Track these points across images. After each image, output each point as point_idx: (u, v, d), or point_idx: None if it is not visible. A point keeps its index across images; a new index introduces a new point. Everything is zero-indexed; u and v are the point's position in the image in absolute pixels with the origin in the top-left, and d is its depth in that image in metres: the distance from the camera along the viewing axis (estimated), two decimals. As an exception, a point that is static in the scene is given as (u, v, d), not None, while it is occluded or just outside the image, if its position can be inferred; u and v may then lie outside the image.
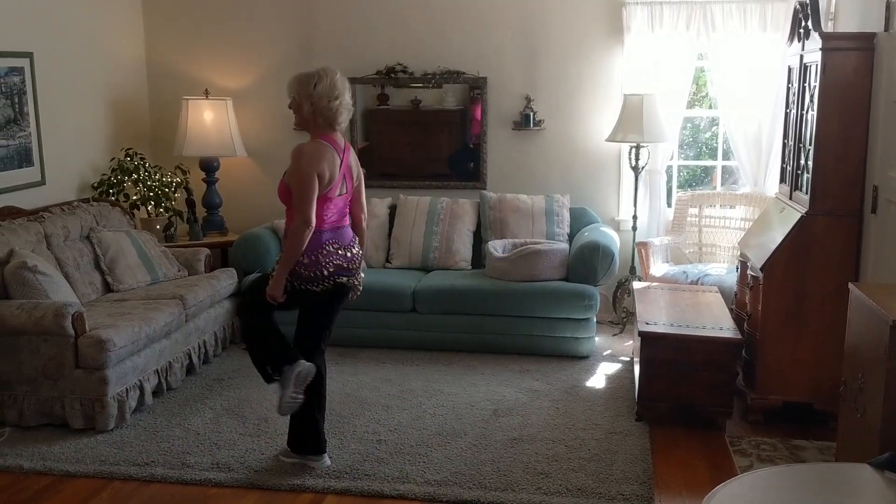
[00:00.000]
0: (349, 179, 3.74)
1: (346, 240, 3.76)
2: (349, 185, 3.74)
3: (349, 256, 3.74)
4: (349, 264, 3.73)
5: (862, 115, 4.08)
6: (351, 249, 3.76)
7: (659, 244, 5.77)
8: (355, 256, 3.78)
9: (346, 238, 3.76)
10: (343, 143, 3.73)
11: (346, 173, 3.72)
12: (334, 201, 3.67)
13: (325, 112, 3.61)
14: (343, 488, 3.62)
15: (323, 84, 3.62)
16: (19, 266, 4.33)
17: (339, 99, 3.62)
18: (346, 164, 3.70)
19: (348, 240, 3.77)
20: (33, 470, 3.82)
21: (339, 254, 3.70)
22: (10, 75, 5.06)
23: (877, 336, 2.81)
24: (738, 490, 2.22)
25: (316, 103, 3.61)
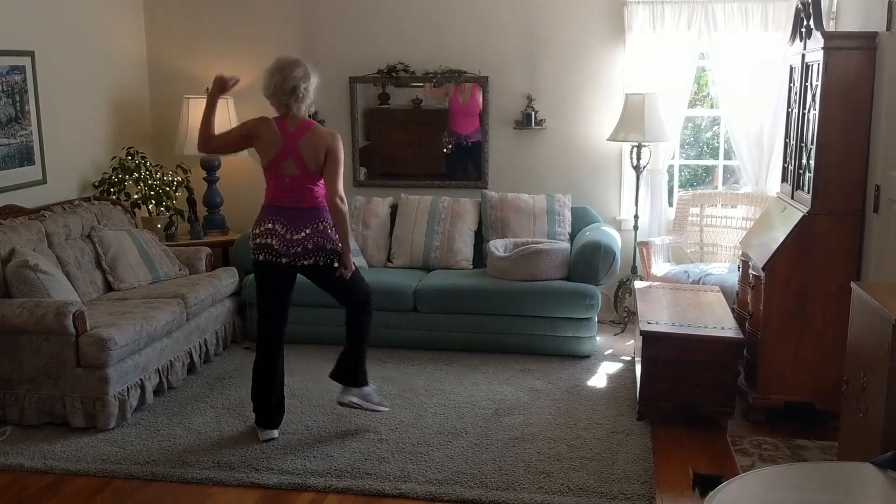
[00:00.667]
0: (298, 163, 3.92)
1: (283, 220, 3.92)
2: (299, 167, 3.92)
3: (284, 238, 3.92)
4: (279, 245, 3.92)
5: (864, 115, 4.08)
6: (289, 232, 3.92)
7: (660, 244, 5.77)
8: (290, 241, 3.92)
9: (284, 218, 3.92)
10: (293, 126, 3.95)
11: (292, 154, 3.91)
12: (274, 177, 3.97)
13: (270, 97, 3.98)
14: (344, 487, 3.62)
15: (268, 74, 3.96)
16: (20, 265, 4.34)
17: (268, 90, 3.95)
18: (290, 145, 3.91)
19: (287, 221, 3.92)
20: (34, 469, 3.82)
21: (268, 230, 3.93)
22: (12, 74, 5.06)
23: (879, 335, 2.81)
24: (739, 489, 2.21)
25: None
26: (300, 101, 3.93)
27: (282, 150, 3.91)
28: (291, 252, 3.93)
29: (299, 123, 3.96)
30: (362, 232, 5.93)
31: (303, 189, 3.94)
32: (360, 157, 6.39)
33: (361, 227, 5.93)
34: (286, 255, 3.93)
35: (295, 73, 3.89)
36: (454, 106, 6.22)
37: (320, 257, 3.98)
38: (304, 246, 3.93)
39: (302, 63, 3.95)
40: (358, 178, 6.40)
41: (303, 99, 3.93)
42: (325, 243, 3.97)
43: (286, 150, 3.92)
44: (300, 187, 3.94)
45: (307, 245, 3.93)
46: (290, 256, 3.94)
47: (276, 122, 3.95)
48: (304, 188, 3.94)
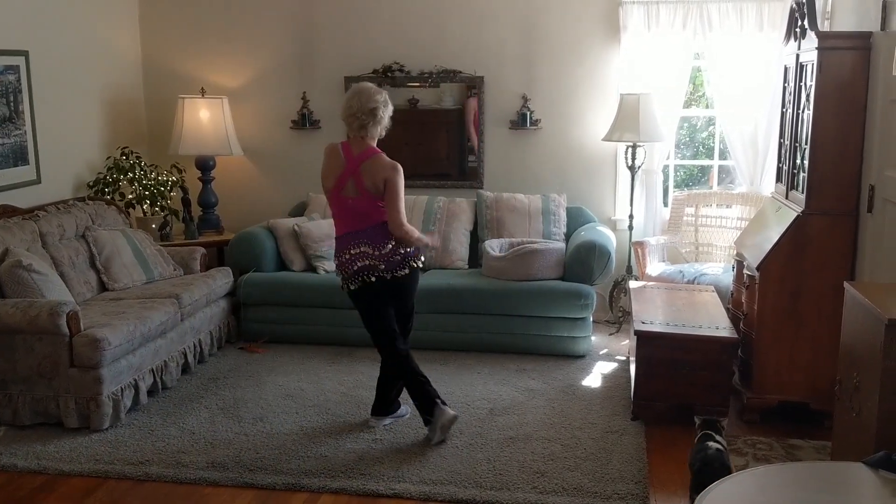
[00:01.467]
0: (358, 184, 3.98)
1: (366, 240, 4.01)
2: (360, 189, 3.98)
3: (373, 256, 4.00)
4: (377, 262, 4.00)
5: (858, 115, 4.08)
6: (377, 249, 4.00)
7: (655, 243, 5.77)
8: (380, 256, 4.00)
9: (365, 238, 4.01)
10: (358, 150, 4.04)
11: (353, 176, 3.99)
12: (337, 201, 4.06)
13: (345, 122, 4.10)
14: (338, 487, 3.62)
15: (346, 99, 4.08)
16: (14, 265, 4.32)
17: (349, 110, 4.04)
18: (351, 167, 3.99)
19: (369, 240, 4.00)
20: (28, 469, 3.80)
21: (352, 253, 4.01)
22: (6, 73, 5.05)
23: (872, 335, 2.81)
24: (731, 488, 2.21)
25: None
26: (377, 124, 4.03)
27: (344, 172, 4.00)
28: (392, 263, 4.01)
29: (364, 149, 4.03)
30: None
31: (366, 209, 4.00)
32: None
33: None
34: (386, 270, 4.00)
35: (377, 97, 4.01)
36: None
37: (411, 261, 4.07)
38: (396, 255, 4.01)
39: (382, 92, 4.07)
40: (353, 178, 6.39)
41: (379, 122, 4.03)
42: (408, 249, 4.06)
43: (348, 172, 4.00)
44: (363, 207, 4.00)
45: (397, 255, 4.02)
46: (390, 268, 4.01)
47: (341, 146, 4.08)
48: (368, 208, 4.00)
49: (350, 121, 4.04)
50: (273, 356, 5.32)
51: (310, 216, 5.98)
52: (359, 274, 4.02)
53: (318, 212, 6.02)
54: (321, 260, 5.64)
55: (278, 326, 5.55)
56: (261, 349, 5.43)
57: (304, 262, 5.72)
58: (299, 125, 6.36)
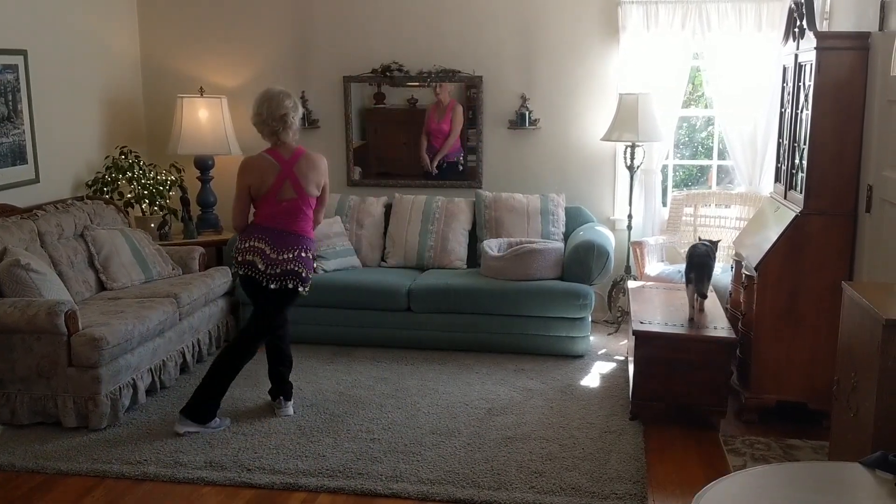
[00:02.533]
0: (294, 185, 4.10)
1: (270, 240, 4.08)
2: (296, 190, 4.10)
3: (269, 258, 4.07)
4: (263, 266, 4.07)
5: (856, 115, 4.08)
6: (275, 253, 4.07)
7: (654, 243, 5.77)
8: (273, 262, 4.07)
9: (271, 239, 4.08)
10: (288, 153, 4.13)
11: (289, 178, 4.09)
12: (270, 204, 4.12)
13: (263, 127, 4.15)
14: (336, 487, 3.62)
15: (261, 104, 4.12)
16: (12, 264, 4.32)
17: (258, 117, 4.12)
18: (286, 170, 4.09)
19: (274, 242, 4.08)
20: (26, 468, 3.80)
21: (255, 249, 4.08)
22: (4, 73, 5.05)
23: (870, 335, 2.81)
24: (728, 488, 2.21)
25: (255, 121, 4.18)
26: (288, 129, 4.10)
27: (279, 174, 4.07)
28: (274, 273, 4.08)
29: (292, 151, 4.13)
30: (356, 231, 5.92)
31: (298, 212, 4.12)
32: (354, 157, 6.38)
33: (355, 227, 5.93)
34: (269, 276, 4.08)
35: (286, 103, 4.08)
36: (429, 126, 6.24)
37: (290, 281, 4.12)
38: (284, 268, 4.08)
39: (291, 94, 4.15)
40: (352, 178, 6.40)
41: (290, 126, 4.11)
42: (300, 270, 4.13)
43: (283, 174, 4.07)
44: (295, 211, 4.11)
45: (287, 267, 4.09)
46: (271, 278, 4.08)
47: (269, 154, 4.12)
48: (300, 211, 4.12)
49: (261, 128, 4.11)
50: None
51: (308, 216, 5.97)
52: (244, 265, 4.10)
53: (317, 211, 6.02)
54: (319, 259, 5.63)
55: (277, 326, 5.54)
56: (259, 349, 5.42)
57: (303, 261, 5.71)
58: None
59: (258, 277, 4.09)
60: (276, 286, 4.10)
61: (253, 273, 4.09)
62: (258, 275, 4.09)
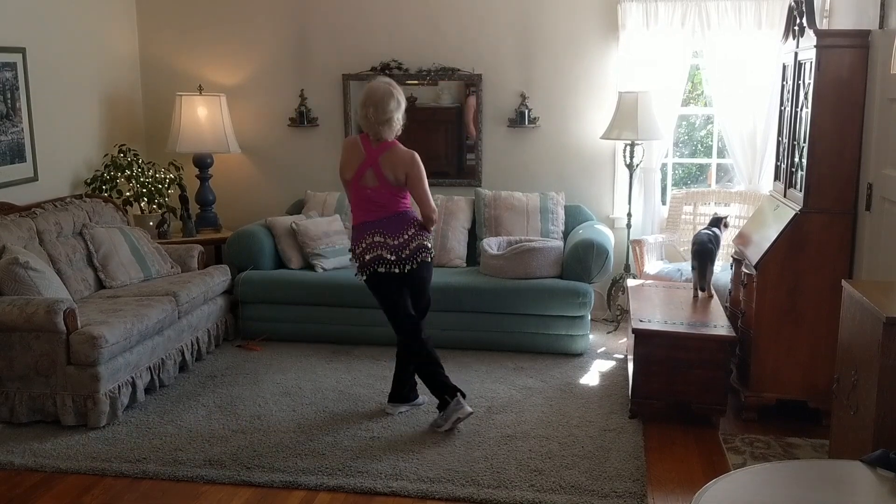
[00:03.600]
0: (377, 174, 4.14)
1: (381, 229, 4.15)
2: (379, 179, 4.14)
3: (390, 246, 4.14)
4: (388, 254, 4.14)
5: (856, 113, 4.08)
6: (392, 238, 4.14)
7: (653, 242, 5.76)
8: (394, 247, 4.13)
9: (381, 228, 4.16)
10: (376, 143, 4.17)
11: (372, 167, 4.15)
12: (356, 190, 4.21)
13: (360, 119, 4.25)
14: (336, 485, 3.61)
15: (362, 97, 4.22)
16: (11, 262, 4.31)
17: (365, 119, 4.18)
18: (371, 159, 4.15)
19: (384, 230, 4.15)
20: (25, 467, 3.80)
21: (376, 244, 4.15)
22: (3, 70, 5.04)
23: (870, 333, 2.81)
24: (728, 486, 2.21)
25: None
26: (392, 130, 4.18)
27: (364, 162, 4.15)
28: (403, 257, 4.13)
29: (382, 141, 4.18)
30: (355, 230, 5.91)
31: (384, 198, 4.16)
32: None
33: (355, 225, 5.92)
34: (398, 262, 4.13)
35: (390, 107, 4.12)
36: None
37: (422, 254, 4.18)
38: (409, 247, 4.14)
39: (394, 93, 4.15)
40: (351, 176, 6.38)
41: (394, 127, 4.18)
42: (424, 241, 4.19)
43: (367, 162, 4.15)
44: (381, 196, 4.15)
45: (412, 245, 4.14)
46: (402, 262, 4.14)
47: (360, 139, 4.24)
48: (386, 197, 4.16)
49: (366, 126, 4.18)
50: (270, 354, 5.31)
51: (308, 214, 5.97)
52: (370, 265, 4.15)
53: (316, 209, 6.02)
54: (319, 258, 5.63)
55: (276, 324, 5.55)
56: (258, 347, 5.43)
57: (302, 259, 5.71)
58: (297, 123, 6.35)
59: (391, 270, 4.13)
60: (409, 268, 4.15)
61: (384, 268, 4.13)
62: (390, 266, 4.12)
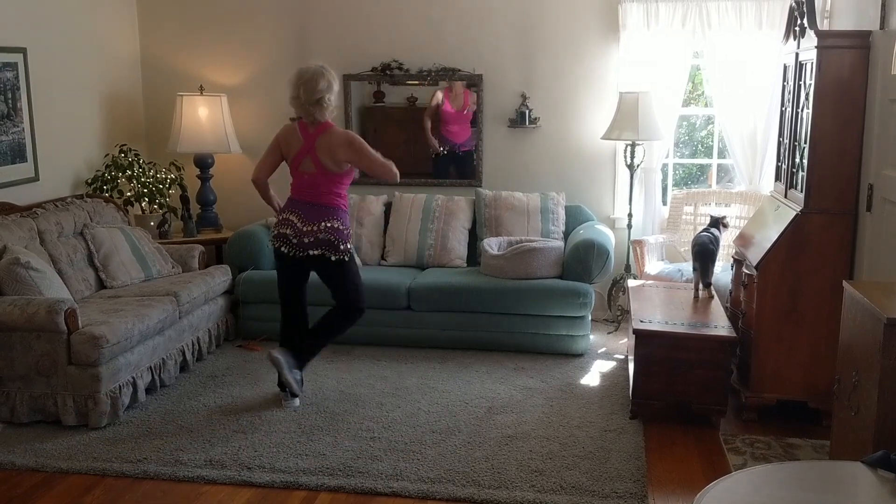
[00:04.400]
0: (314, 161, 4.27)
1: (300, 212, 4.28)
2: (315, 165, 4.26)
3: (298, 230, 4.26)
4: (295, 237, 4.27)
5: (857, 114, 4.08)
6: (304, 224, 4.26)
7: (654, 242, 5.77)
8: (303, 232, 4.26)
9: (300, 211, 4.28)
10: (313, 127, 4.30)
11: (310, 153, 4.27)
12: (295, 176, 4.36)
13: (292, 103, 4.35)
14: (336, 486, 3.61)
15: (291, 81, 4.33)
16: (12, 262, 4.32)
17: (295, 100, 4.29)
18: (308, 145, 4.27)
19: (303, 214, 4.27)
20: (26, 466, 3.80)
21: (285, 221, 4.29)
22: (4, 70, 5.04)
23: (871, 334, 2.81)
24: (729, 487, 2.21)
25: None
26: (324, 111, 4.29)
27: (301, 149, 4.29)
28: (304, 242, 4.25)
29: (318, 125, 4.31)
30: (356, 230, 5.92)
31: (319, 186, 4.29)
32: (354, 155, 6.37)
33: (355, 225, 5.93)
34: (298, 245, 4.26)
35: (320, 87, 4.23)
36: (446, 113, 6.21)
37: (327, 250, 4.28)
38: (315, 237, 4.25)
39: (325, 73, 4.28)
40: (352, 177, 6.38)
41: (326, 108, 4.29)
42: (333, 239, 4.28)
43: (304, 149, 4.28)
44: (316, 185, 4.29)
45: (318, 236, 4.25)
46: (301, 247, 4.25)
47: (298, 125, 4.35)
48: (321, 185, 4.29)
49: (297, 108, 4.30)
50: (271, 354, 5.31)
51: (308, 214, 5.96)
52: (276, 238, 4.33)
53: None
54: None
55: (276, 324, 5.50)
56: (259, 347, 5.43)
57: (303, 260, 5.70)
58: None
59: (289, 251, 4.28)
60: (314, 254, 4.26)
61: (283, 246, 4.29)
62: (290, 248, 4.27)
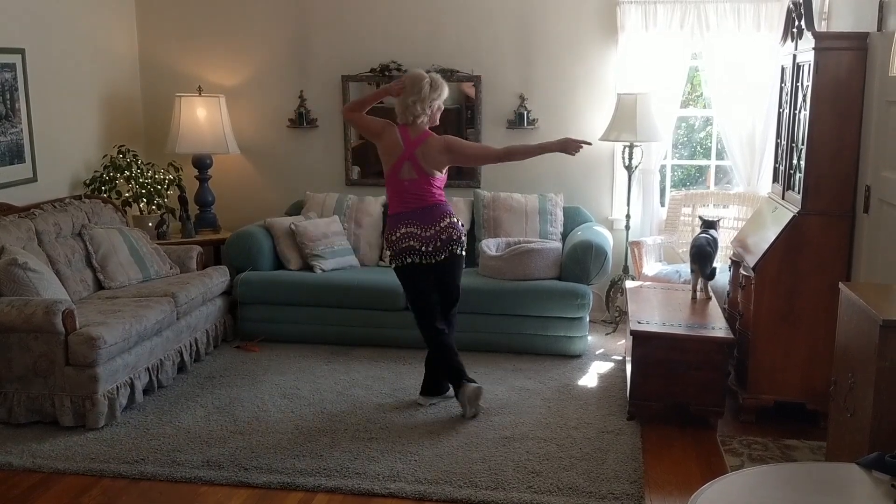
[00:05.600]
0: (415, 167, 4.28)
1: (415, 220, 4.30)
2: (416, 171, 4.28)
3: (421, 238, 4.29)
4: (420, 245, 4.28)
5: (855, 115, 4.08)
6: (424, 230, 4.29)
7: (652, 243, 5.77)
8: (426, 239, 4.29)
9: (415, 219, 4.30)
10: (414, 134, 4.31)
11: (410, 160, 4.28)
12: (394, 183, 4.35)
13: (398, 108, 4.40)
14: (333, 486, 3.61)
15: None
16: (10, 263, 4.32)
17: (402, 104, 4.35)
18: (408, 152, 4.28)
19: (419, 220, 4.30)
20: (23, 467, 3.80)
21: (407, 233, 4.30)
22: (2, 71, 5.04)
23: (867, 336, 2.81)
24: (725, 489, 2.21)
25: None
26: (426, 115, 4.33)
27: (402, 155, 4.28)
28: (431, 249, 4.28)
29: (420, 133, 4.32)
30: (355, 231, 5.92)
31: (421, 190, 4.31)
32: (352, 157, 6.38)
33: (354, 226, 5.93)
34: (427, 253, 4.28)
35: (431, 95, 4.30)
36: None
37: (453, 247, 4.32)
38: (439, 239, 4.29)
39: (436, 81, 4.33)
40: (351, 178, 6.39)
41: (430, 112, 4.34)
42: (454, 234, 4.33)
43: (405, 155, 4.28)
44: (418, 189, 4.30)
45: (442, 237, 4.29)
46: (431, 254, 4.29)
47: (398, 130, 4.33)
48: (423, 189, 4.31)
49: (403, 112, 4.33)
50: (269, 355, 5.31)
51: (307, 215, 5.97)
52: (403, 254, 4.30)
53: (315, 211, 6.02)
54: (318, 259, 5.64)
55: (274, 325, 5.55)
56: (257, 348, 5.43)
57: (301, 260, 5.71)
58: (296, 124, 6.36)
59: (421, 260, 4.28)
60: (439, 259, 4.30)
61: (414, 258, 4.28)
62: (420, 256, 4.27)
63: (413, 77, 4.33)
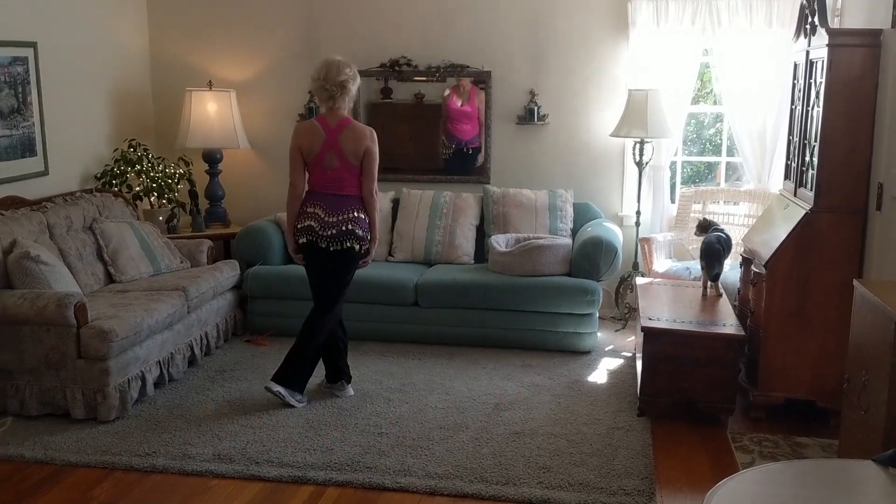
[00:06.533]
0: (338, 154, 4.25)
1: (323, 204, 4.26)
2: (339, 159, 4.25)
3: (323, 221, 4.24)
4: (319, 227, 4.25)
5: (868, 112, 4.07)
6: (330, 216, 4.24)
7: (662, 240, 5.76)
8: (328, 224, 4.24)
9: (324, 203, 4.26)
10: (335, 122, 4.27)
11: (333, 148, 4.24)
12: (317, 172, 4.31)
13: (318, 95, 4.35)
14: (344, 480, 3.62)
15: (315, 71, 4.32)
16: (22, 256, 4.33)
17: (317, 82, 4.28)
18: (331, 140, 4.24)
19: (327, 206, 4.26)
20: (35, 459, 3.82)
21: (310, 214, 4.27)
22: (14, 65, 5.06)
23: (881, 333, 2.81)
24: (739, 486, 2.21)
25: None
26: (346, 96, 4.28)
27: (324, 144, 4.25)
28: (328, 234, 4.24)
29: (339, 120, 4.28)
30: (364, 226, 5.92)
31: (343, 180, 4.29)
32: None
33: (363, 221, 5.93)
34: (323, 237, 4.24)
35: (345, 71, 4.26)
36: (451, 109, 6.20)
37: (348, 241, 4.27)
38: (338, 229, 4.24)
39: (350, 64, 4.32)
40: (360, 172, 6.39)
41: (348, 93, 4.29)
42: (356, 229, 4.29)
43: (328, 144, 4.24)
44: (340, 178, 4.29)
45: (343, 227, 4.25)
46: (327, 240, 4.25)
47: (317, 121, 4.31)
48: (344, 179, 4.29)
49: (319, 92, 4.28)
50: (279, 349, 5.30)
51: (316, 210, 5.97)
52: (301, 232, 4.30)
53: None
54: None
55: (284, 319, 5.55)
56: (267, 342, 5.44)
57: (311, 255, 5.71)
58: (306, 119, 6.36)
59: (316, 241, 4.25)
60: (334, 248, 4.25)
61: (310, 237, 4.26)
62: (316, 238, 4.25)
63: (328, 63, 4.28)
